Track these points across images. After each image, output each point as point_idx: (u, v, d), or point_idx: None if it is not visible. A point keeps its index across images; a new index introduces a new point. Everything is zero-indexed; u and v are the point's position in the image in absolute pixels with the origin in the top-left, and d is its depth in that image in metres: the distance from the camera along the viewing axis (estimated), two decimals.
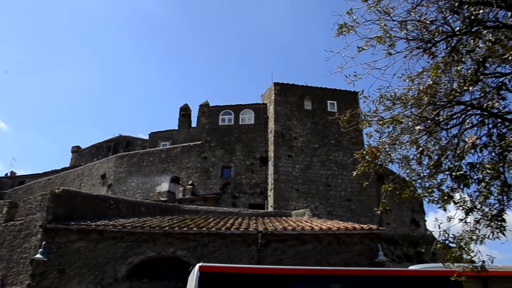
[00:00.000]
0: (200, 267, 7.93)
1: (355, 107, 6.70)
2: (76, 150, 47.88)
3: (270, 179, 26.92)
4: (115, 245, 12.30)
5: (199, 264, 8.15)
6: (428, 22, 5.26)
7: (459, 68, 5.21)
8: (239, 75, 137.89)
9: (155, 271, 12.25)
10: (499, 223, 5.01)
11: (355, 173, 5.96)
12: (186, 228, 12.42)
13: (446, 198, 5.34)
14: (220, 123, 31.21)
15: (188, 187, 28.19)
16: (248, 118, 31.16)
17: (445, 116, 5.49)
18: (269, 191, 26.84)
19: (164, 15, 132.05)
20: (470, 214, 5.19)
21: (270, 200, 26.13)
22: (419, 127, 5.46)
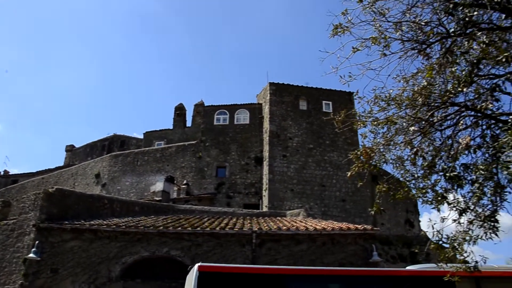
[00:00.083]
0: (199, 267, 7.85)
1: (350, 108, 6.73)
2: (70, 149, 47.51)
3: (265, 179, 26.89)
4: (109, 244, 12.23)
5: (198, 264, 8.06)
6: (423, 24, 5.27)
7: (453, 69, 5.24)
8: (235, 75, 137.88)
9: (149, 271, 12.19)
10: (492, 224, 5.04)
11: (350, 173, 5.97)
12: (180, 228, 12.38)
13: (440, 198, 5.38)
14: (215, 123, 31.13)
15: (183, 186, 28.11)
16: (243, 118, 31.10)
17: (439, 117, 5.52)
18: (263, 191, 26.83)
19: (160, 15, 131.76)
20: (464, 214, 5.23)
21: (265, 200, 26.10)
22: (413, 128, 5.49)
